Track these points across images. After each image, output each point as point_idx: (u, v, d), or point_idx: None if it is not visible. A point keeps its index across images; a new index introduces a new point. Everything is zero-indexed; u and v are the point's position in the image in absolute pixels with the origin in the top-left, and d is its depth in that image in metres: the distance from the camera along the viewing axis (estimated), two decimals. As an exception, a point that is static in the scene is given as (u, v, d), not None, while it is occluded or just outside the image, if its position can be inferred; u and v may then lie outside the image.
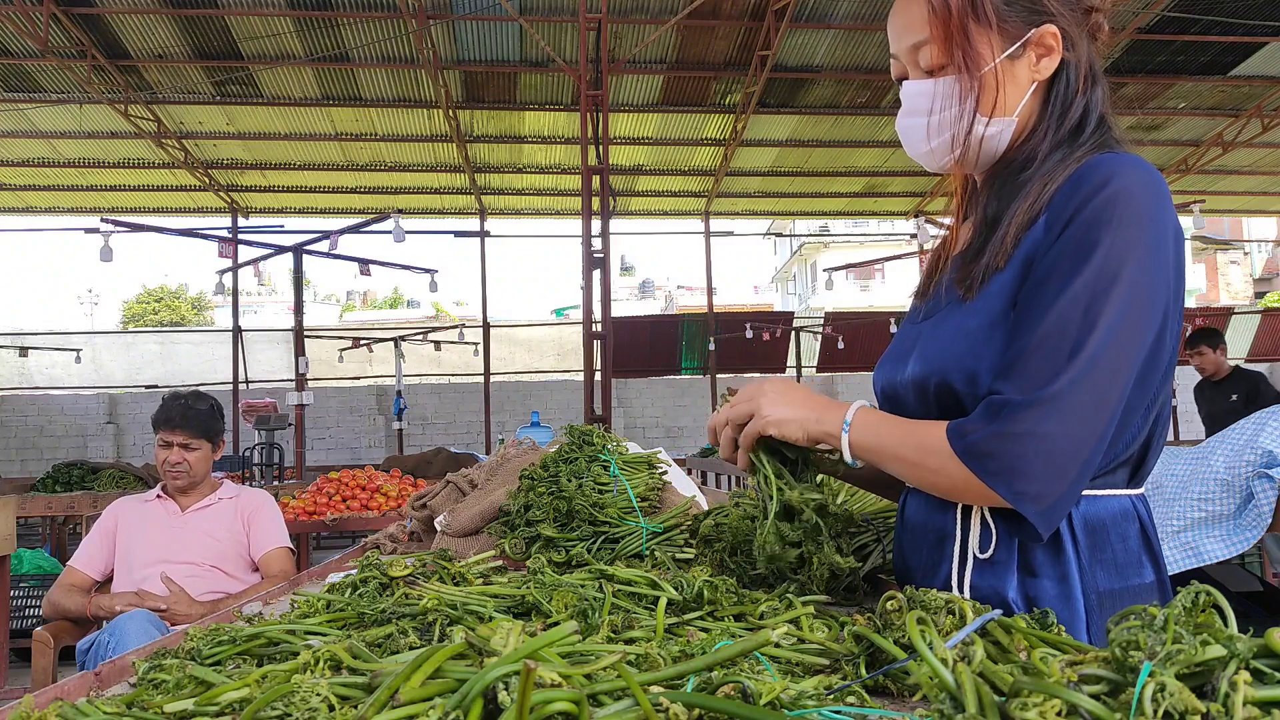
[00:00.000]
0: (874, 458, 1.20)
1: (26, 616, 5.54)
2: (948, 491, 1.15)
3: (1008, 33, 1.18)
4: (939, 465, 1.12)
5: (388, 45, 10.23)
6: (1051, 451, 1.04)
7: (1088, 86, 1.21)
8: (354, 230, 10.07)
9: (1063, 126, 1.20)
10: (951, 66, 1.19)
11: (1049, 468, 1.05)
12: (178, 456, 3.35)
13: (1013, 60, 1.18)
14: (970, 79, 1.18)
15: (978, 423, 1.09)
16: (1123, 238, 1.07)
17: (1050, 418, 1.04)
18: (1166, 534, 3.55)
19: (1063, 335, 1.06)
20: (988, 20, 1.17)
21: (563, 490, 1.65)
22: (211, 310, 41.46)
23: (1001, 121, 1.20)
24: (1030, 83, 1.20)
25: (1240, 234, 28.36)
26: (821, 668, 0.93)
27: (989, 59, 1.18)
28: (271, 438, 8.57)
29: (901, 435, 1.17)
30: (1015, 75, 1.19)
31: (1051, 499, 1.06)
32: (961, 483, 1.10)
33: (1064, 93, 1.20)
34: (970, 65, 1.18)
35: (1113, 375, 1.06)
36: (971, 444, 1.08)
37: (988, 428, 1.07)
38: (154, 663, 1.01)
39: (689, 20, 9.74)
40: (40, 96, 10.94)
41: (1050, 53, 1.19)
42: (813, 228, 31.80)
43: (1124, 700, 0.59)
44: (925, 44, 1.20)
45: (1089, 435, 1.06)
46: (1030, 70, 1.19)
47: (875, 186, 14.59)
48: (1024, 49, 1.18)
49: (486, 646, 0.74)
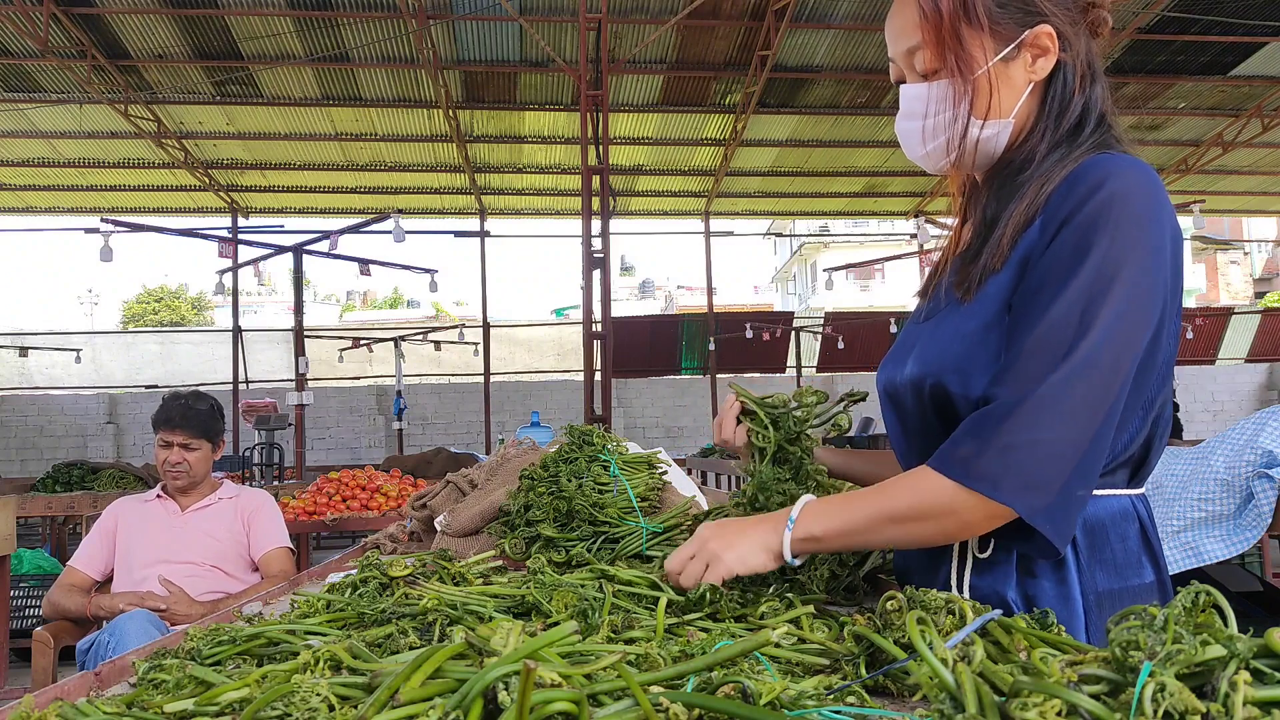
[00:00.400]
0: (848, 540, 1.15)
1: (26, 616, 5.54)
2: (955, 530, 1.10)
3: (1001, 35, 1.17)
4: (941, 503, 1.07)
5: (388, 45, 10.23)
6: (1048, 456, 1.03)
7: (1086, 85, 1.20)
8: (354, 230, 10.07)
9: (1061, 126, 1.19)
10: (945, 70, 1.18)
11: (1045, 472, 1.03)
12: (178, 456, 3.35)
13: (1007, 62, 1.18)
14: (963, 82, 1.17)
15: (965, 438, 1.06)
16: (1119, 240, 1.06)
17: (1038, 424, 1.02)
18: (1166, 534, 3.55)
19: (1057, 339, 1.05)
20: (980, 23, 1.16)
21: (563, 490, 1.65)
22: (211, 310, 41.47)
23: (997, 124, 1.19)
24: (1026, 84, 1.19)
25: (1240, 234, 28.36)
26: (821, 668, 0.93)
27: (982, 62, 1.17)
28: (271, 438, 8.57)
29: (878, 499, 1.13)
30: (1010, 77, 1.18)
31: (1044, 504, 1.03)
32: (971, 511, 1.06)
33: (1061, 93, 1.19)
34: (963, 69, 1.17)
35: (1108, 376, 1.04)
36: (973, 468, 1.05)
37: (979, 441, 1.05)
38: (154, 663, 1.01)
39: (689, 20, 9.74)
40: (40, 96, 10.94)
41: (1046, 53, 1.18)
42: (813, 228, 31.79)
43: (1124, 700, 0.59)
44: (919, 48, 1.20)
45: (1081, 437, 1.04)
46: (1026, 71, 1.19)
47: (875, 186, 14.59)
48: (1018, 50, 1.17)
49: (486, 646, 0.74)
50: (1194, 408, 16.42)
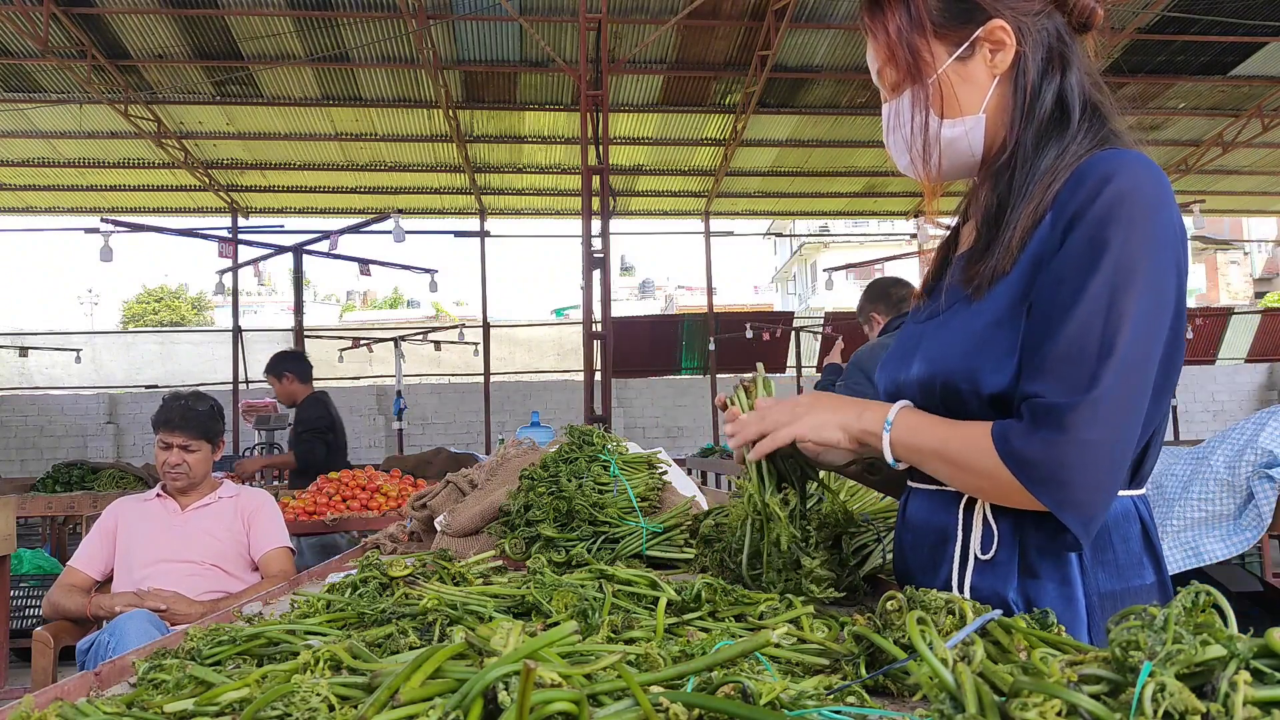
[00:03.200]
0: (915, 458, 1.19)
1: (26, 616, 5.54)
2: (991, 495, 1.15)
3: (950, 37, 1.21)
4: (984, 468, 1.10)
5: (388, 45, 10.23)
6: (1096, 459, 1.04)
7: (1053, 73, 1.21)
8: (354, 230, 10.08)
9: (1034, 116, 1.20)
10: (906, 81, 1.24)
11: (1092, 476, 1.04)
12: (177, 458, 3.35)
13: (965, 61, 1.21)
14: (921, 88, 1.22)
15: (1023, 428, 1.08)
16: (1134, 235, 1.07)
17: (1094, 423, 1.03)
18: (1167, 534, 3.55)
19: (1090, 335, 1.05)
20: (928, 29, 1.21)
21: (563, 490, 1.65)
22: (211, 310, 41.45)
23: (964, 121, 1.22)
24: (991, 79, 1.22)
25: (1240, 234, 28.34)
26: (821, 668, 0.93)
27: (934, 65, 1.21)
28: (271, 438, 8.58)
29: (944, 436, 1.16)
30: (971, 74, 1.22)
31: (1094, 507, 1.06)
32: (1006, 486, 1.09)
33: (1023, 83, 1.21)
34: (916, 74, 1.22)
35: (1143, 375, 1.06)
36: (1015, 449, 1.07)
37: (1035, 434, 1.06)
38: (154, 663, 1.01)
39: (689, 20, 9.73)
40: (40, 96, 10.93)
41: (1002, 47, 1.21)
42: (813, 228, 31.78)
43: (1124, 700, 0.59)
44: (883, 67, 1.27)
45: (1128, 438, 1.06)
46: (988, 67, 1.21)
47: (875, 186, 14.59)
48: (973, 49, 1.21)
49: (486, 646, 0.74)
50: (1194, 408, 16.41)
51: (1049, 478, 1.05)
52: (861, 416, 1.22)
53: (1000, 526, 1.16)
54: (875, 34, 1.26)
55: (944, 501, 1.23)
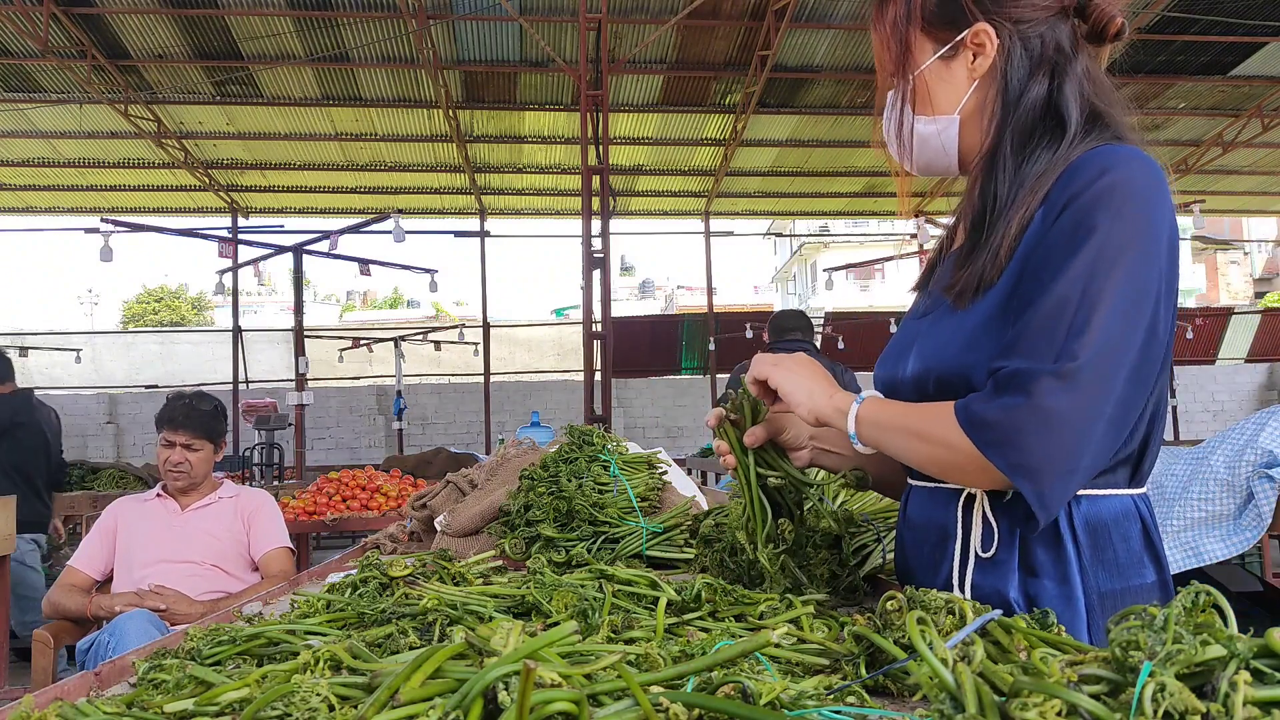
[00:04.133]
0: (878, 436, 1.19)
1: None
2: (950, 469, 1.13)
3: (938, 36, 1.25)
4: (943, 437, 1.10)
5: (388, 45, 10.23)
6: (1056, 429, 1.02)
7: (1039, 81, 1.21)
8: (354, 230, 10.06)
9: (1018, 119, 1.21)
10: (895, 72, 1.29)
11: (1049, 444, 1.02)
12: (179, 457, 3.35)
13: (947, 61, 1.24)
14: (904, 82, 1.27)
15: (985, 394, 1.08)
16: (1121, 223, 1.07)
17: (1056, 393, 1.02)
18: (1167, 534, 3.55)
19: (1064, 312, 1.05)
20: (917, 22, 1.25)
21: (563, 490, 1.65)
22: (211, 310, 41.46)
23: (938, 120, 1.25)
24: (969, 82, 1.24)
25: (1240, 234, 28.34)
26: (821, 668, 0.93)
27: (918, 61, 1.26)
28: (271, 438, 8.59)
29: (909, 409, 1.18)
30: (952, 75, 1.25)
31: (1048, 477, 1.03)
32: (964, 456, 1.08)
33: (1005, 87, 1.22)
34: (905, 69, 1.27)
35: (1115, 359, 1.05)
36: (974, 413, 1.07)
37: (996, 399, 1.06)
38: (154, 663, 1.01)
39: (689, 20, 9.73)
40: (40, 96, 10.93)
41: (983, 50, 1.23)
42: (813, 228, 31.78)
43: (1124, 700, 0.59)
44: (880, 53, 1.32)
45: (1092, 417, 1.03)
46: (968, 70, 1.24)
47: (875, 186, 14.58)
48: (956, 50, 1.23)
49: (486, 646, 0.74)
50: (1194, 408, 16.40)
51: (1003, 440, 1.04)
52: (833, 396, 1.24)
53: (1000, 524, 1.15)
54: (877, 22, 1.31)
55: (943, 499, 1.23)
